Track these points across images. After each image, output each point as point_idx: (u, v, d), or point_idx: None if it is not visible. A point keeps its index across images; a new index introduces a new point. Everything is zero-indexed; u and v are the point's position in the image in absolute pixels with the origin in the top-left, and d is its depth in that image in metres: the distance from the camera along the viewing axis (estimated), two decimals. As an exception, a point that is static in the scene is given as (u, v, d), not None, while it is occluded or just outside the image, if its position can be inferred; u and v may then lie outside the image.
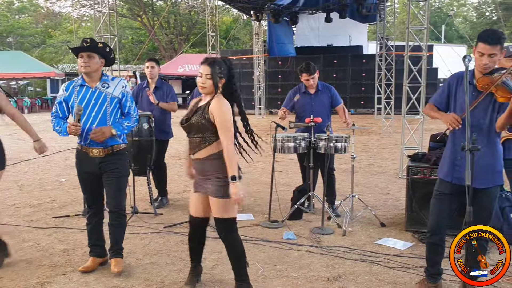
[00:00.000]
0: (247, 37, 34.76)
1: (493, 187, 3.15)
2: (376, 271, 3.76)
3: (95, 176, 3.71)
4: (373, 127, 14.40)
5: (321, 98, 5.33)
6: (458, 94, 3.21)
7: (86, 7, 32.30)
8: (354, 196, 5.23)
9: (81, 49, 3.59)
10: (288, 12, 17.67)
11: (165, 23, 33.98)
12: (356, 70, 19.02)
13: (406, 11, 7.87)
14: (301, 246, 4.35)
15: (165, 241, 4.52)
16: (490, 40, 2.96)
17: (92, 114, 3.62)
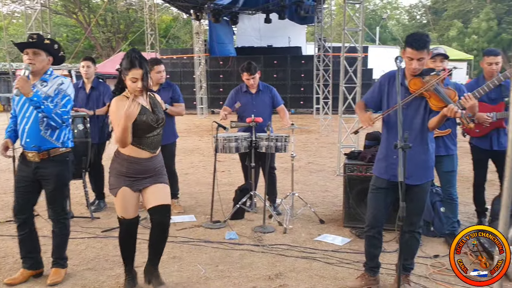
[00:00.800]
0: (188, 36, 34.45)
1: (425, 182, 3.32)
2: (316, 267, 3.84)
3: (30, 182, 3.46)
4: (312, 126, 14.72)
5: (262, 98, 5.39)
6: (390, 94, 3.35)
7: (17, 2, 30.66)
8: (294, 194, 5.33)
9: (26, 45, 3.36)
10: (228, 12, 17.69)
11: (101, 20, 32.96)
12: (295, 71, 19.35)
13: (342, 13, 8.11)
14: (243, 245, 4.37)
15: (103, 246, 4.39)
16: (417, 46, 3.12)
17: (26, 114, 3.40)
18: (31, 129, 3.38)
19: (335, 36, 17.71)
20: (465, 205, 5.61)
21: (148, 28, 15.73)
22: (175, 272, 3.77)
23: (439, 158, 4.34)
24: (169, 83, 5.59)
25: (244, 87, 5.44)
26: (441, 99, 3.11)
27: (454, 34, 39.70)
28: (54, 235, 3.62)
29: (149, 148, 3.26)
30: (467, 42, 38.22)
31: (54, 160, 3.45)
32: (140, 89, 3.14)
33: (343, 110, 7.97)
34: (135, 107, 3.04)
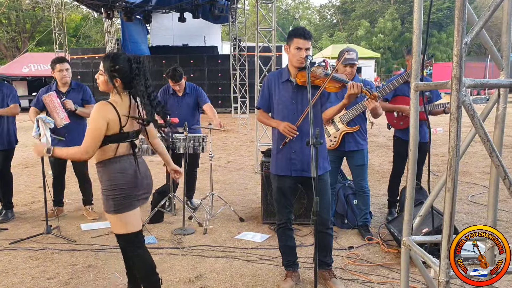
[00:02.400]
0: (99, 35, 33.16)
1: (325, 173, 3.45)
2: (236, 266, 3.88)
3: None
4: (231, 125, 14.82)
5: (187, 100, 5.49)
6: (277, 93, 3.44)
7: None
8: (214, 194, 5.34)
9: None
10: (141, 10, 17.26)
11: (5, 19, 30.78)
12: (212, 70, 19.34)
13: (255, 13, 8.24)
14: (162, 249, 4.30)
15: (11, 259, 4.11)
16: (305, 35, 3.28)
17: None
18: None
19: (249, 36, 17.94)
20: (376, 197, 5.94)
21: (56, 27, 14.92)
22: (90, 281, 3.63)
23: (350, 153, 4.57)
24: (78, 84, 5.38)
25: (171, 89, 5.48)
26: (336, 80, 3.27)
27: (362, 33, 41.87)
28: None
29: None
30: (375, 41, 40.47)
31: None
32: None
33: (260, 109, 8.10)
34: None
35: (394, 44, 40.47)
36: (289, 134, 3.30)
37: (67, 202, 5.80)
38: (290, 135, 3.30)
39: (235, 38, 16.13)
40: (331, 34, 46.26)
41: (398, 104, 4.81)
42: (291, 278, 3.53)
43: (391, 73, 35.43)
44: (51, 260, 4.07)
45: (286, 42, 3.42)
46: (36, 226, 5.03)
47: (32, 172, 8.11)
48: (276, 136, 3.49)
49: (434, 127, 12.35)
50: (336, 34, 44.60)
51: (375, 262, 3.94)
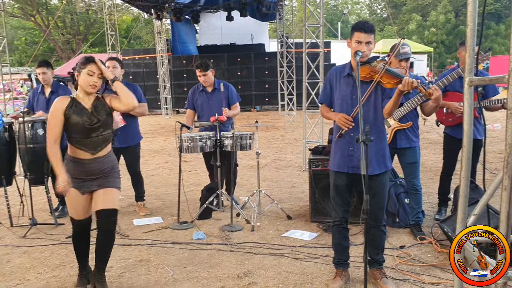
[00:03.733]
0: (149, 36, 34.02)
1: (384, 172, 3.38)
2: (284, 264, 3.87)
3: None
4: (278, 123, 14.81)
5: (218, 96, 5.38)
6: (338, 88, 3.39)
7: (-31, 5, 29.53)
8: (261, 192, 5.35)
9: None
10: (189, 10, 17.56)
11: (60, 22, 32.17)
12: (259, 68, 19.39)
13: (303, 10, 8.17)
14: (211, 245, 4.36)
15: (68, 252, 4.29)
16: (366, 28, 3.20)
17: None
18: None
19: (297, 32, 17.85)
20: (429, 195, 5.76)
21: (108, 29, 15.43)
22: (142, 275, 3.73)
23: (402, 150, 4.45)
24: (128, 84, 5.51)
25: (200, 86, 5.49)
26: (394, 76, 3.18)
27: (414, 28, 40.69)
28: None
29: (88, 148, 3.26)
30: (427, 35, 39.25)
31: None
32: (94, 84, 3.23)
33: (307, 106, 8.05)
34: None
35: (447, 38, 39.08)
36: (344, 125, 3.25)
37: (120, 198, 5.96)
38: (345, 126, 3.25)
39: (282, 35, 16.10)
40: (381, 28, 45.28)
41: (449, 100, 4.63)
42: (340, 277, 3.48)
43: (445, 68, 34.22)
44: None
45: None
46: (93, 220, 5.21)
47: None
48: (335, 129, 3.46)
49: (492, 123, 11.82)
50: (387, 28, 43.61)
51: (428, 262, 3.82)
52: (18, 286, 3.61)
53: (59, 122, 3.19)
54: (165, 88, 18.62)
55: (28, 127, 5.08)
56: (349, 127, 3.25)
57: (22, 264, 4.02)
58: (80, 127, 3.22)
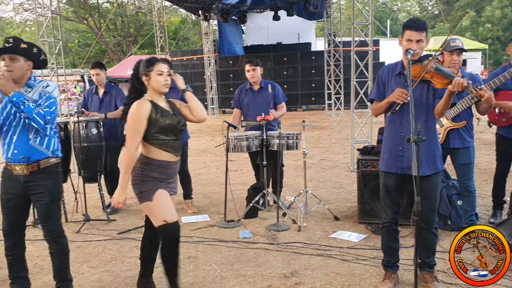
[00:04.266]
0: (197, 37, 34.52)
1: (435, 173, 3.27)
2: (331, 265, 3.83)
3: (19, 199, 3.19)
4: (324, 122, 14.66)
5: (265, 95, 5.37)
6: (389, 86, 3.31)
7: (29, 11, 31.05)
8: (308, 192, 5.31)
9: (1, 51, 3.08)
10: (236, 11, 17.69)
11: (112, 25, 33.21)
12: (305, 67, 19.26)
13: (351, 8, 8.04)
14: (257, 244, 4.37)
15: (119, 248, 4.42)
16: (416, 27, 3.10)
17: (13, 124, 3.13)
18: (19, 140, 3.12)
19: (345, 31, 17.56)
20: (483, 198, 5.53)
21: (157, 30, 15.79)
22: (190, 272, 3.79)
23: (455, 150, 4.30)
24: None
25: (247, 85, 5.49)
26: (445, 75, 3.06)
27: (467, 24, 39.14)
28: (53, 257, 3.31)
29: (174, 150, 3.23)
30: (481, 32, 37.66)
31: (45, 172, 3.17)
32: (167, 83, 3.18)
33: (355, 105, 7.92)
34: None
35: (503, 34, 37.32)
36: (399, 98, 3.12)
37: (168, 195, 6.09)
38: (401, 100, 3.11)
39: (329, 34, 15.92)
40: (433, 26, 43.87)
41: (500, 99, 4.40)
42: (389, 279, 3.40)
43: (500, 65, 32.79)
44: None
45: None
46: (141, 218, 5.34)
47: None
48: (387, 127, 3.37)
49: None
50: (438, 25, 42.23)
51: (483, 268, 3.66)
52: (73, 279, 3.75)
53: (143, 128, 3.08)
54: (212, 88, 18.84)
55: (83, 127, 5.27)
56: (404, 100, 3.11)
57: (76, 258, 4.17)
58: (172, 129, 3.17)
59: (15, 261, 3.31)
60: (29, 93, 3.15)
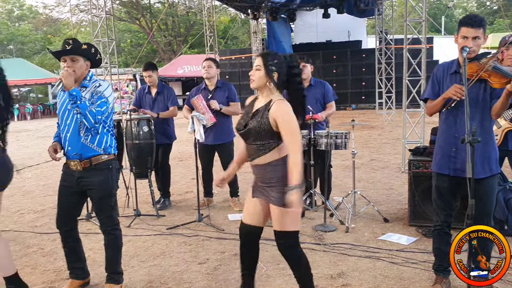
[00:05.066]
0: (246, 36, 34.75)
1: (490, 176, 3.12)
2: (380, 267, 3.74)
3: (73, 192, 3.32)
4: (375, 122, 14.37)
5: (314, 93, 5.30)
6: (444, 85, 3.19)
7: (84, 12, 32.33)
8: (356, 192, 5.21)
9: (63, 53, 3.21)
10: (285, 9, 17.64)
11: (163, 25, 34.00)
12: (356, 65, 18.97)
13: (404, 4, 7.81)
14: (303, 244, 4.30)
15: (168, 243, 4.51)
16: (473, 23, 2.96)
17: (67, 122, 3.26)
18: (72, 137, 3.25)
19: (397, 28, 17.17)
20: (543, 202, 5.23)
21: (207, 30, 16.00)
22: (237, 269, 3.80)
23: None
24: (224, 83, 5.68)
25: None
26: (503, 75, 2.91)
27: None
28: (106, 248, 3.42)
29: (248, 153, 3.00)
30: (543, 28, 35.69)
31: (97, 168, 3.27)
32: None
33: (407, 104, 7.70)
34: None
35: None
36: (456, 94, 2.98)
37: (216, 193, 6.16)
38: (458, 96, 2.97)
39: (381, 31, 15.58)
40: (491, 22, 42.00)
41: None
42: (440, 284, 3.29)
43: None
44: (202, 247, 4.37)
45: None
46: (189, 214, 5.45)
47: (186, 164, 8.83)
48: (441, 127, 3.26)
49: None
50: (497, 21, 40.37)
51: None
52: (123, 272, 3.86)
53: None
54: (260, 86, 18.90)
55: (135, 124, 5.41)
56: (460, 97, 2.97)
57: (127, 251, 4.29)
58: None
59: (70, 251, 3.47)
60: (83, 92, 3.25)
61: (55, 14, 38.39)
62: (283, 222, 2.86)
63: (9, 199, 6.64)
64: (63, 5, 35.70)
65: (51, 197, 6.58)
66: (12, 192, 7.07)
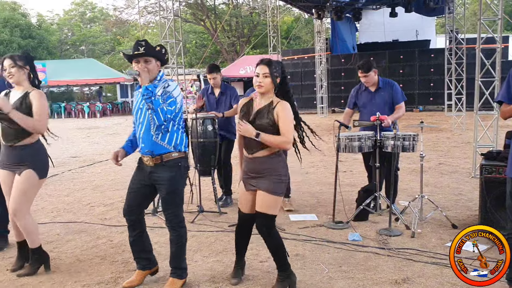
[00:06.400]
0: (309, 36, 34.54)
1: None
2: (447, 274, 3.58)
3: (144, 185, 3.47)
4: (443, 124, 13.81)
5: (382, 95, 5.17)
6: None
7: (152, 14, 33.52)
8: (424, 197, 5.02)
9: (138, 55, 3.34)
10: (350, 8, 17.38)
11: (227, 26, 34.53)
12: (424, 65, 18.33)
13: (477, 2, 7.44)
14: (367, 247, 4.24)
15: (230, 240, 4.57)
16: None
17: (140, 119, 3.43)
18: (145, 135, 3.39)
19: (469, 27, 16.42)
20: None
21: (270, 30, 16.08)
22: (298, 269, 3.79)
23: None
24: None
25: (364, 85, 5.30)
26: None
27: None
28: (171, 243, 3.52)
29: (246, 148, 3.39)
30: None
31: (167, 165, 3.39)
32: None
33: (479, 107, 7.33)
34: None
35: None
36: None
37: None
38: None
39: (451, 31, 14.94)
40: None
41: None
42: None
43: None
44: (263, 245, 4.31)
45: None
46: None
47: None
48: None
49: None
50: None
51: None
52: (187, 266, 3.97)
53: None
54: (322, 87, 18.73)
55: (200, 123, 5.54)
56: None
57: (191, 246, 4.39)
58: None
59: (135, 242, 3.59)
60: None
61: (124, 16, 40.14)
62: (269, 206, 3.31)
63: (80, 192, 7.03)
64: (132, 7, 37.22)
65: (119, 192, 6.88)
66: (83, 186, 7.48)
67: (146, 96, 3.23)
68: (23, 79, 3.76)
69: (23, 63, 3.75)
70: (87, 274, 3.85)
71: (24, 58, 3.79)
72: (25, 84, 3.78)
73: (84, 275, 3.85)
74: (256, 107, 3.37)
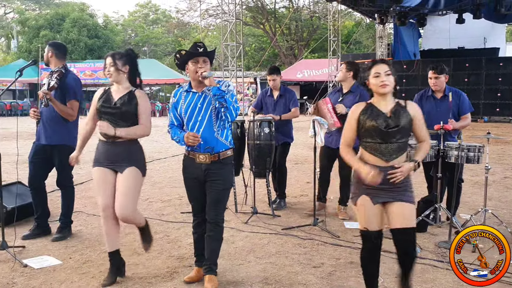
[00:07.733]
0: (370, 40, 33.96)
1: None
2: (511, 294, 3.40)
3: (201, 182, 3.52)
4: (510, 136, 13.12)
5: (446, 104, 4.97)
6: None
7: (213, 16, 34.16)
8: (487, 211, 4.79)
9: (199, 54, 3.44)
10: (415, 14, 16.92)
11: (286, 29, 34.61)
12: (491, 74, 17.51)
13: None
14: (425, 259, 4.10)
15: (283, 243, 4.57)
16: None
17: (198, 118, 3.47)
18: (205, 132, 3.43)
19: (543, 35, 15.52)
20: None
21: (331, 34, 15.95)
22: (352, 277, 3.73)
23: None
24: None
25: (429, 92, 5.12)
26: None
27: None
28: (211, 239, 3.53)
29: (382, 155, 3.02)
30: None
31: (223, 162, 3.48)
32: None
33: (552, 119, 6.90)
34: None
35: None
36: None
37: (331, 199, 6.08)
38: None
39: (523, 38, 14.19)
40: None
41: None
42: None
43: None
44: (317, 251, 4.35)
45: None
46: (304, 217, 5.46)
47: (301, 168, 8.89)
48: None
49: None
50: None
51: None
52: (240, 265, 4.01)
53: (350, 127, 3.12)
54: (382, 93, 18.34)
55: (256, 125, 5.58)
56: None
57: (244, 247, 4.43)
58: (376, 131, 3.03)
59: (198, 239, 3.67)
60: (209, 90, 3.47)
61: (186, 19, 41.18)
62: (411, 218, 3.05)
63: (140, 187, 7.26)
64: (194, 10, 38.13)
65: (176, 189, 7.04)
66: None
67: (219, 96, 3.34)
68: (121, 79, 3.69)
69: (122, 63, 3.67)
70: (144, 267, 3.98)
71: (124, 57, 3.69)
72: (126, 84, 3.73)
73: (142, 267, 3.97)
74: (386, 108, 3.06)
